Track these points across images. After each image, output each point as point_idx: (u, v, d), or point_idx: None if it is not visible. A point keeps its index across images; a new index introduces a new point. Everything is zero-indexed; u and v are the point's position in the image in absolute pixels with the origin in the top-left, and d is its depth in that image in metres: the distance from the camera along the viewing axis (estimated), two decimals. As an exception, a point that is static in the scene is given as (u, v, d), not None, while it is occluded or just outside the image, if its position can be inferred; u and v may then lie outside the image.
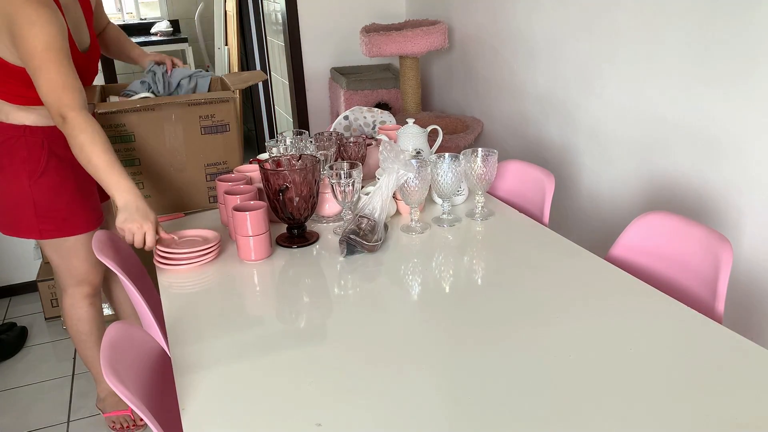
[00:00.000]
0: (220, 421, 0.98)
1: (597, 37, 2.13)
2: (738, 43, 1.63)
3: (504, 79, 2.75)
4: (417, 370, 1.08)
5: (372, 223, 1.53)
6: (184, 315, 1.30)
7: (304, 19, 3.49)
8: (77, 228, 1.82)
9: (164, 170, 1.85)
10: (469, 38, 3.00)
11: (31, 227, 1.78)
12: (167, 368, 1.18)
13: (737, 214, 1.73)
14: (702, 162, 1.81)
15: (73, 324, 1.99)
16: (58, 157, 1.76)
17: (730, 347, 1.12)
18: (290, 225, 1.58)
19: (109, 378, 0.98)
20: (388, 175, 1.55)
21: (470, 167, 1.65)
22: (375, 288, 1.37)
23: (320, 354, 1.14)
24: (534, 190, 1.82)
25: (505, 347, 1.14)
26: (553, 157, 2.47)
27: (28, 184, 1.74)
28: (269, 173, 1.49)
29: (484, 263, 1.48)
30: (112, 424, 2.14)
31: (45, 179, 1.75)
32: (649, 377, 1.04)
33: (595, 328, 1.19)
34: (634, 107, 2.02)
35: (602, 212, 2.26)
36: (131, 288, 1.40)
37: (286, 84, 3.84)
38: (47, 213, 1.77)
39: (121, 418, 2.14)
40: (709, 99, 1.75)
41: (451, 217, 1.69)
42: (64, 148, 1.75)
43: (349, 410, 0.99)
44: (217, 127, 1.85)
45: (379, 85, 3.31)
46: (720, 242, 1.32)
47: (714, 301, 1.29)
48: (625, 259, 1.50)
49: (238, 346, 1.18)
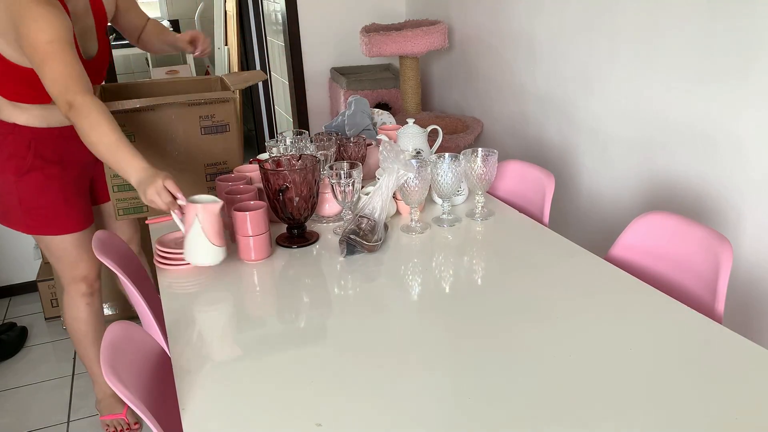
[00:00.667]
0: (220, 421, 0.98)
1: (597, 37, 2.13)
2: (738, 44, 1.63)
3: (504, 79, 2.75)
4: (417, 370, 1.08)
5: (372, 223, 1.53)
6: (184, 315, 1.30)
7: (304, 19, 3.49)
8: (63, 228, 1.84)
9: (164, 170, 1.84)
10: (469, 38, 3.00)
11: (19, 220, 1.82)
12: (167, 368, 1.18)
13: (737, 214, 1.73)
14: (702, 162, 1.81)
15: (71, 323, 2.00)
16: (44, 159, 1.78)
17: (730, 347, 1.12)
18: (290, 225, 1.58)
19: (109, 378, 0.98)
20: (388, 175, 1.55)
21: (470, 167, 1.65)
22: (375, 288, 1.37)
23: (320, 354, 1.14)
24: (534, 190, 1.82)
25: (504, 347, 1.14)
26: (553, 157, 2.47)
27: (14, 180, 1.76)
28: (269, 173, 1.49)
29: (484, 263, 1.48)
30: (106, 428, 2.13)
31: (30, 177, 1.77)
32: (648, 377, 1.04)
33: (595, 328, 1.19)
34: (634, 107, 2.02)
35: (602, 212, 2.26)
36: (131, 288, 1.41)
37: (286, 84, 3.84)
38: (32, 210, 1.80)
39: (116, 422, 2.13)
40: (709, 99, 1.75)
41: (451, 217, 1.69)
42: (51, 151, 1.80)
43: (349, 410, 0.99)
44: (217, 127, 1.85)
45: (379, 85, 3.31)
46: (720, 242, 1.32)
47: (714, 301, 1.29)
48: (625, 259, 1.50)
49: (238, 346, 1.18)
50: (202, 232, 1.38)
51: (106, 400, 2.13)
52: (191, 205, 1.38)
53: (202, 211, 1.37)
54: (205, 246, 1.39)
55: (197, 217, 1.37)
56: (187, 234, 1.40)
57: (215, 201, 1.40)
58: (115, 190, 1.82)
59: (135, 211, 1.86)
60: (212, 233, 1.38)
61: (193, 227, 1.38)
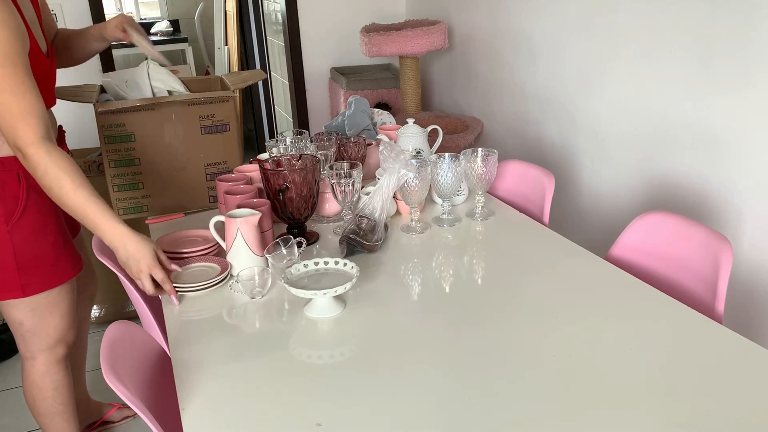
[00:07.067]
0: (220, 421, 0.98)
1: (597, 37, 2.13)
2: (738, 44, 1.63)
3: (504, 79, 2.75)
4: (417, 370, 1.08)
5: (372, 223, 1.53)
6: (184, 315, 1.30)
7: (304, 19, 3.49)
8: (66, 273, 1.55)
9: (164, 170, 1.85)
10: (469, 38, 3.00)
11: (13, 285, 1.47)
12: (167, 368, 1.18)
13: (737, 214, 1.73)
14: (702, 162, 1.81)
15: (48, 397, 1.65)
16: (37, 191, 1.42)
17: (730, 347, 1.12)
18: (290, 225, 1.58)
19: (109, 378, 0.98)
20: (388, 175, 1.55)
21: (470, 167, 1.65)
22: (375, 288, 1.37)
23: (320, 354, 1.14)
24: (534, 190, 1.82)
25: (504, 347, 1.14)
26: (553, 157, 2.47)
27: (6, 230, 1.43)
28: (269, 173, 1.49)
29: (484, 263, 1.48)
30: None
31: (25, 220, 1.45)
32: (648, 377, 1.04)
33: (595, 327, 1.19)
34: (634, 107, 2.02)
35: (602, 212, 2.26)
36: (131, 288, 1.40)
37: (286, 84, 3.84)
38: (30, 262, 1.47)
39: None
40: (709, 99, 1.75)
41: (451, 217, 1.69)
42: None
43: (349, 410, 0.99)
44: (217, 126, 1.85)
45: (379, 85, 3.31)
46: (720, 242, 1.32)
47: (714, 301, 1.29)
48: (625, 259, 1.50)
49: (238, 345, 1.18)
50: (246, 244, 1.39)
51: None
52: (232, 220, 1.39)
53: (244, 224, 1.38)
54: (250, 257, 1.40)
55: (239, 231, 1.38)
56: (231, 248, 1.41)
57: (253, 213, 1.41)
58: (115, 189, 1.82)
59: (135, 211, 1.86)
60: (254, 244, 1.40)
61: (236, 241, 1.39)
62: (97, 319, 2.65)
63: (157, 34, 5.39)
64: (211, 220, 1.45)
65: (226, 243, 1.42)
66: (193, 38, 5.49)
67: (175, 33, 5.51)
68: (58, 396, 1.67)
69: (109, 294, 2.61)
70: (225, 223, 1.41)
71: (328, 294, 1.23)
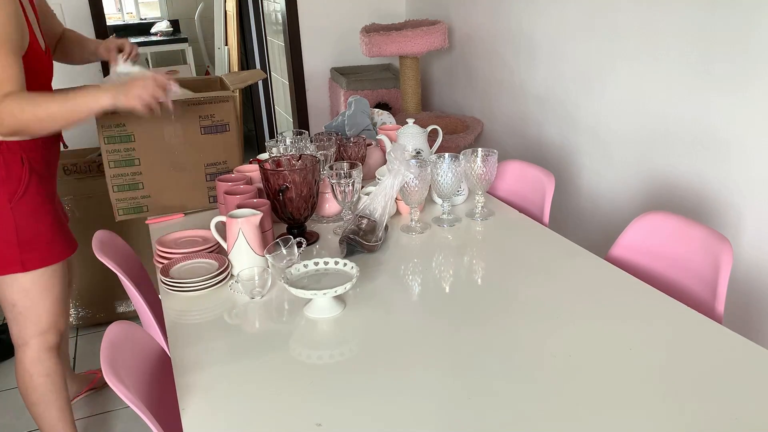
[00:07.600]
0: (220, 421, 0.98)
1: (597, 37, 2.13)
2: (738, 44, 1.63)
3: (504, 79, 2.75)
4: (417, 370, 1.08)
5: (372, 223, 1.53)
6: (184, 315, 1.30)
7: (304, 19, 3.49)
8: (61, 252, 1.66)
9: (164, 170, 1.85)
10: (469, 38, 3.00)
11: (13, 259, 1.57)
12: (167, 368, 1.18)
13: (737, 214, 1.73)
14: (702, 162, 1.81)
15: (40, 384, 1.70)
16: (38, 174, 1.60)
17: (730, 347, 1.12)
18: (290, 225, 1.58)
19: (109, 378, 0.98)
20: (394, 176, 1.54)
21: (470, 167, 1.65)
22: (375, 288, 1.37)
23: (320, 354, 1.14)
24: (534, 190, 1.82)
25: (504, 347, 1.14)
26: (553, 157, 2.47)
27: (9, 208, 1.54)
28: (269, 173, 1.49)
29: (484, 263, 1.48)
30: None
31: (26, 199, 1.57)
32: (648, 377, 1.04)
33: (595, 327, 1.19)
34: (634, 107, 2.02)
35: (602, 212, 2.26)
36: (131, 288, 1.40)
37: (286, 84, 3.84)
38: (31, 238, 1.59)
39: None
40: (709, 99, 1.75)
41: (451, 217, 1.69)
42: (42, 164, 1.63)
43: (349, 410, 0.99)
44: (217, 126, 1.85)
45: (379, 85, 3.31)
46: (720, 242, 1.32)
47: (714, 301, 1.29)
48: (625, 259, 1.50)
49: (238, 346, 1.18)
50: (247, 244, 1.39)
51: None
52: (233, 220, 1.39)
53: (245, 224, 1.38)
54: (251, 257, 1.40)
55: (241, 231, 1.38)
56: (232, 248, 1.41)
57: (254, 213, 1.41)
58: (115, 189, 1.82)
59: (135, 211, 1.85)
60: (255, 244, 1.40)
61: (238, 241, 1.39)
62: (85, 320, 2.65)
63: (157, 34, 5.39)
64: (213, 221, 1.46)
65: (228, 243, 1.42)
66: (193, 38, 5.49)
67: (175, 33, 5.51)
68: (50, 384, 1.71)
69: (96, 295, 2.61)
70: (226, 224, 1.40)
71: (328, 294, 1.23)
